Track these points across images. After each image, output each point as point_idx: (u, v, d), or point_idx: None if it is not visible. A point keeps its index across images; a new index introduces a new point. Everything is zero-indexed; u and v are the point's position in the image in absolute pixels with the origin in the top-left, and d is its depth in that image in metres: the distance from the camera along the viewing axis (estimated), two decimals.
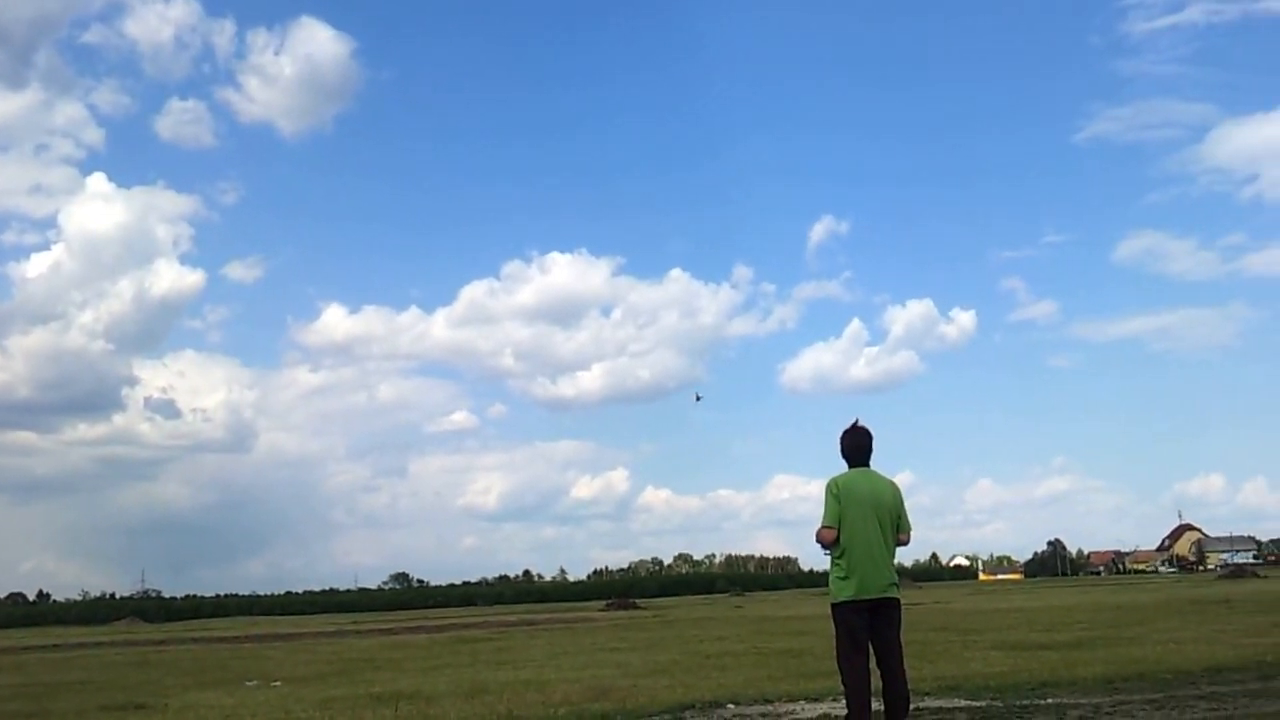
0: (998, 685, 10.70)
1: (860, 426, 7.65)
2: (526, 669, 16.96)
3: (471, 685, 14.00)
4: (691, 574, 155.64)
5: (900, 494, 7.65)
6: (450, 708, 11.07)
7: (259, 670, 20.66)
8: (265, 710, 12.23)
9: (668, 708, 9.98)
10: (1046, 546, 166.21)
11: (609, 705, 10.45)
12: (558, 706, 10.61)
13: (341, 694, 13.93)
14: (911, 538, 7.69)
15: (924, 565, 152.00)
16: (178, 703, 14.20)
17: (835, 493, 7.45)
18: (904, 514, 7.62)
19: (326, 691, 14.60)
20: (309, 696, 13.93)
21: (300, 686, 16.12)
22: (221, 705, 13.40)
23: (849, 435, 7.63)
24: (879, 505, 7.45)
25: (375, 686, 14.76)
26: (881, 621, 7.43)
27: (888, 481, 7.64)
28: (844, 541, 7.38)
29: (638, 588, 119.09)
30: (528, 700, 11.49)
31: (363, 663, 21.64)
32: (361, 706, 11.99)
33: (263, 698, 14.35)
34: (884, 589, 7.41)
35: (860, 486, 7.47)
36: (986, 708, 9.16)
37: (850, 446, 7.62)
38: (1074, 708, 9.03)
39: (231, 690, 16.10)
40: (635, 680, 13.65)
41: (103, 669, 24.14)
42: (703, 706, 10.01)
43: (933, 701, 9.57)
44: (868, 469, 7.61)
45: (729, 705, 10.02)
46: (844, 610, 7.40)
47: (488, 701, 11.62)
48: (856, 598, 7.35)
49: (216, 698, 14.71)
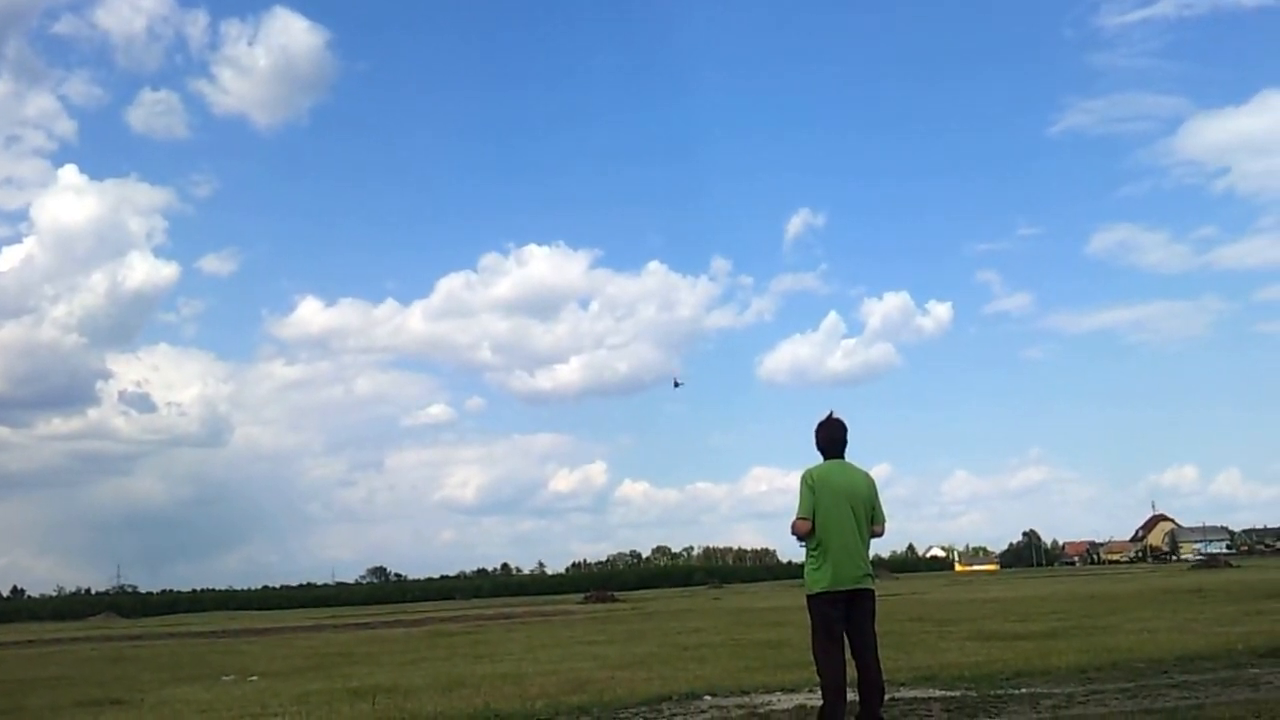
0: (973, 675, 10.76)
1: (835, 419, 7.68)
2: (504, 662, 16.96)
3: (449, 679, 13.99)
4: (670, 566, 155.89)
5: (875, 485, 7.69)
6: (427, 702, 11.05)
7: (235, 665, 20.58)
8: (241, 705, 12.19)
9: (645, 700, 10.00)
10: (1022, 537, 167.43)
11: (586, 698, 10.46)
12: (535, 700, 10.61)
13: (318, 689, 13.90)
14: (886, 529, 7.74)
15: (900, 556, 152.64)
16: (154, 698, 14.15)
17: (810, 484, 7.48)
18: (879, 505, 7.66)
19: (303, 686, 14.56)
20: (286, 691, 13.89)
21: (277, 681, 16.07)
22: (198, 700, 13.36)
23: (824, 428, 7.67)
24: (854, 497, 7.48)
25: (352, 681, 14.73)
26: (857, 612, 7.47)
27: (862, 473, 7.68)
28: (819, 533, 7.42)
29: (616, 580, 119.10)
30: (505, 694, 11.49)
31: (340, 657, 21.58)
32: (338, 701, 11.96)
33: (239, 693, 14.30)
34: (859, 580, 7.45)
35: (835, 478, 7.50)
36: (961, 697, 9.22)
37: (825, 439, 7.65)
38: (1047, 697, 9.10)
39: (208, 685, 16.04)
40: (613, 672, 13.67)
41: (78, 664, 24.01)
42: (680, 698, 10.03)
43: (908, 692, 9.63)
44: (843, 461, 7.64)
45: (706, 697, 10.05)
46: (819, 601, 7.44)
47: (465, 695, 11.62)
48: (831, 589, 7.39)
49: (193, 693, 14.66)
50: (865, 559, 7.55)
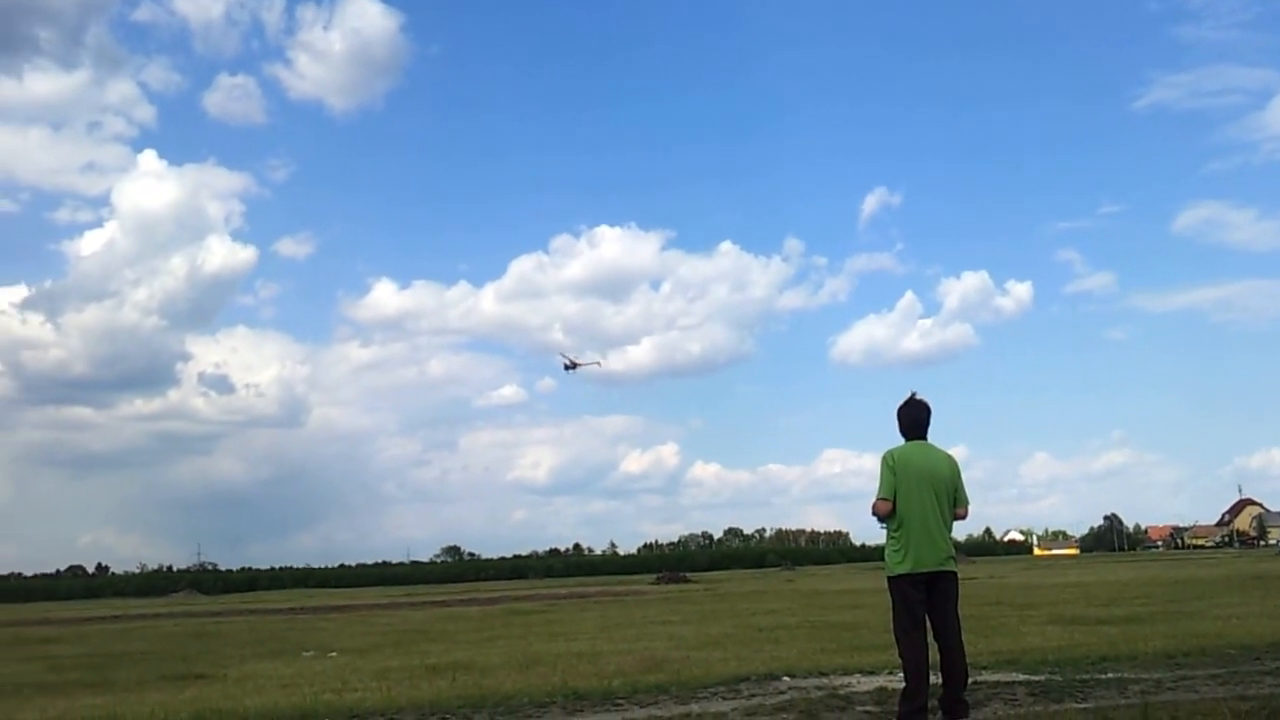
0: (1056, 659, 10.56)
1: (918, 399, 7.55)
2: (579, 641, 17.04)
3: (525, 657, 14.08)
4: (742, 548, 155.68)
5: (958, 467, 7.54)
6: (505, 679, 11.11)
7: (315, 641, 20.94)
8: (323, 680, 12.35)
9: (722, 680, 9.94)
10: (1103, 521, 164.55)
11: (663, 677, 10.43)
12: (611, 678, 10.61)
13: (397, 665, 14.06)
14: (969, 511, 7.60)
15: (978, 540, 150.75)
16: (236, 673, 14.42)
17: (891, 465, 7.36)
18: (961, 487, 7.52)
19: (382, 662, 14.75)
20: (365, 667, 14.07)
21: (356, 657, 16.31)
22: (280, 675, 13.58)
23: (906, 408, 7.53)
24: (935, 478, 7.35)
25: (430, 658, 14.88)
26: (939, 595, 7.35)
27: (945, 455, 7.53)
28: (900, 514, 7.30)
29: (688, 561, 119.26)
30: (581, 672, 11.51)
31: (417, 634, 21.86)
32: (418, 677, 12.08)
33: (320, 668, 14.52)
34: (941, 562, 7.33)
35: (916, 459, 7.37)
36: (1046, 681, 9.04)
37: (907, 420, 7.52)
38: (1135, 682, 8.89)
39: (289, 661, 16.33)
40: (689, 652, 13.66)
41: (162, 640, 24.61)
42: (758, 679, 9.96)
43: (990, 675, 9.47)
44: (925, 442, 7.50)
45: (784, 678, 9.97)
46: (900, 584, 7.33)
47: (542, 673, 11.66)
48: (913, 571, 7.27)
49: (275, 668, 14.91)
50: (947, 541, 7.41)
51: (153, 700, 10.84)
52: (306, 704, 9.56)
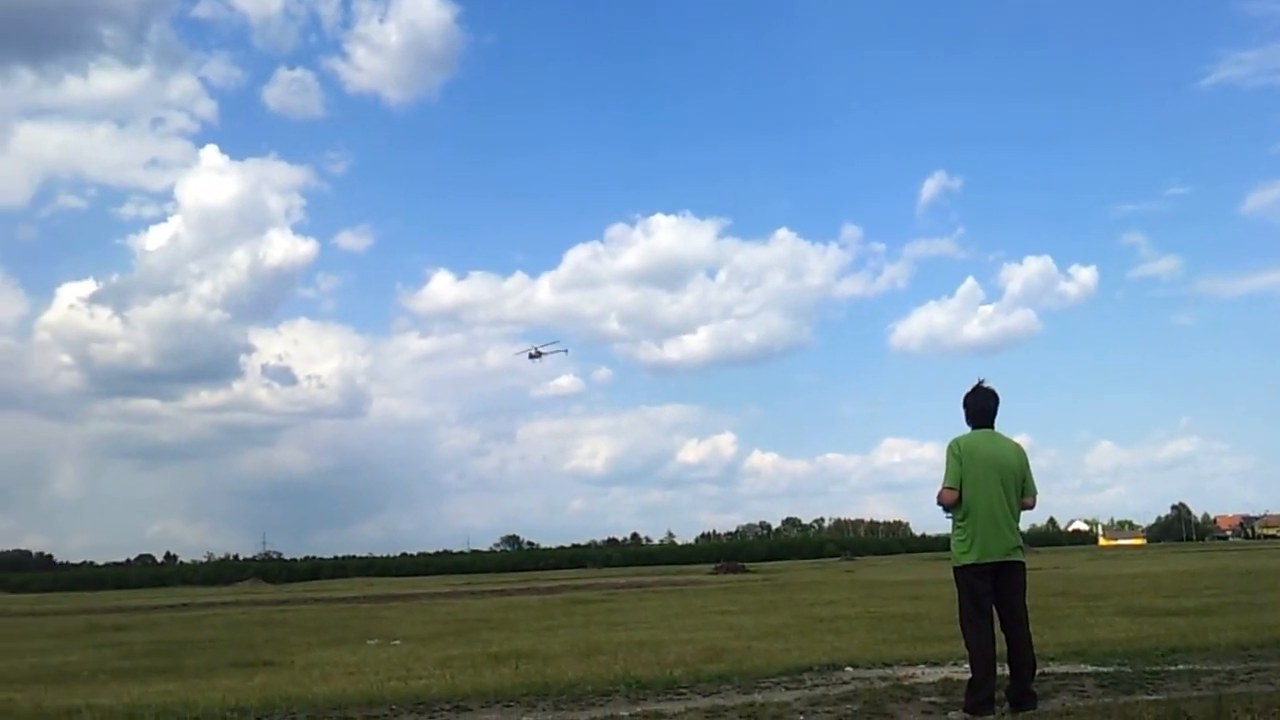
0: (1125, 651, 10.40)
1: (986, 387, 7.45)
2: (639, 630, 17.08)
3: (586, 646, 14.14)
4: (800, 538, 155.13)
5: (1025, 456, 7.44)
6: (567, 667, 11.16)
7: (379, 629, 21.20)
8: (387, 668, 12.50)
9: (785, 670, 9.91)
10: (1170, 510, 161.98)
11: (725, 667, 10.42)
12: (673, 667, 10.62)
13: (459, 653, 14.19)
14: (1038, 501, 7.50)
15: (1042, 530, 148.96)
16: (303, 660, 14.63)
17: (957, 453, 7.28)
18: (1029, 476, 7.41)
19: (445, 651, 14.89)
20: (428, 655, 14.22)
21: (419, 645, 16.48)
22: (345, 663, 13.75)
23: (973, 396, 7.44)
24: (1003, 467, 7.26)
25: (492, 646, 15.00)
26: (1005, 585, 7.26)
27: (1012, 443, 7.43)
28: (965, 504, 7.22)
29: (746, 551, 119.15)
30: (643, 661, 11.54)
31: (478, 623, 22.04)
32: (481, 665, 12.18)
33: (384, 656, 14.69)
34: (1008, 552, 7.23)
35: (983, 448, 7.28)
36: (1115, 673, 8.90)
37: (975, 408, 7.42)
38: (1208, 674, 8.72)
39: (354, 648, 16.54)
40: (749, 642, 13.64)
41: (230, 627, 25.03)
42: (821, 669, 9.91)
43: (1058, 667, 9.34)
44: (992, 430, 7.41)
45: (847, 668, 9.91)
46: (967, 574, 7.25)
47: (603, 662, 11.71)
48: (979, 561, 7.18)
49: (340, 655, 15.11)
50: (1015, 531, 7.31)
51: (223, 687, 11.02)
52: (373, 691, 9.67)
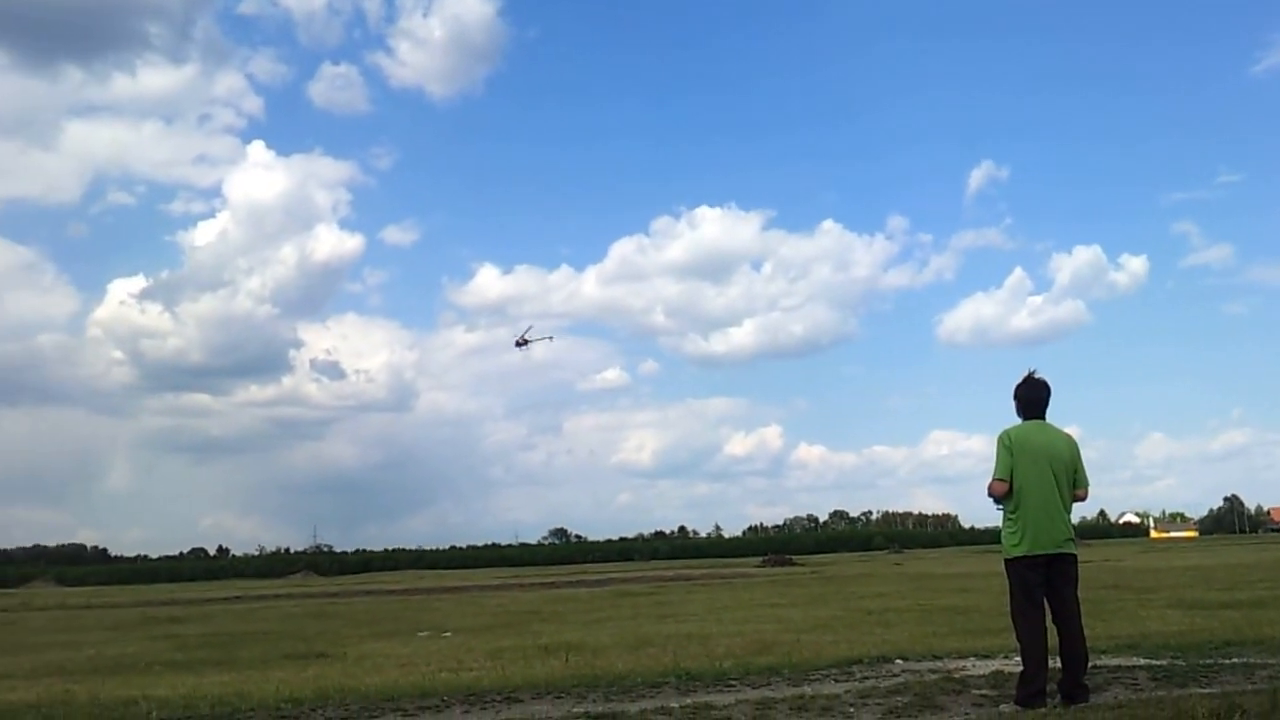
0: (1178, 644, 10.30)
1: (1037, 378, 7.42)
2: (688, 623, 17.13)
3: (635, 638, 14.21)
4: (848, 531, 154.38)
5: (1077, 447, 7.41)
6: (617, 659, 11.23)
7: (430, 621, 21.40)
8: (439, 659, 12.63)
9: (834, 662, 9.90)
10: (1223, 502, 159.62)
11: (774, 659, 10.43)
12: (722, 659, 10.65)
13: (510, 645, 14.31)
14: (1089, 493, 7.46)
15: (1092, 522, 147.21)
16: (355, 652, 14.81)
17: (1007, 445, 7.25)
18: (1081, 468, 7.38)
19: (495, 642, 15.02)
20: (479, 647, 14.35)
21: (470, 637, 16.64)
22: (397, 654, 13.91)
23: (1024, 386, 7.41)
24: (1054, 458, 7.23)
25: (542, 638, 15.11)
26: (1058, 578, 7.23)
27: (1064, 435, 7.40)
28: (1016, 495, 7.20)
29: (793, 544, 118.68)
30: (692, 653, 11.57)
31: (528, 615, 22.19)
32: (531, 657, 12.28)
33: (435, 647, 14.85)
34: (1060, 544, 7.21)
35: (1034, 439, 7.25)
36: (1168, 666, 8.82)
37: (1026, 398, 7.39)
38: (1262, 667, 8.62)
39: (405, 640, 16.73)
40: (798, 635, 13.64)
41: (283, 620, 25.37)
42: (870, 661, 9.90)
43: (1110, 660, 9.27)
44: (1043, 421, 7.38)
45: (897, 661, 9.90)
46: (1018, 566, 7.22)
47: (652, 654, 11.75)
48: (1030, 553, 7.16)
49: (392, 647, 15.28)
50: (1066, 523, 7.28)
51: (276, 678, 11.17)
52: (425, 683, 9.77)
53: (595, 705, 8.04)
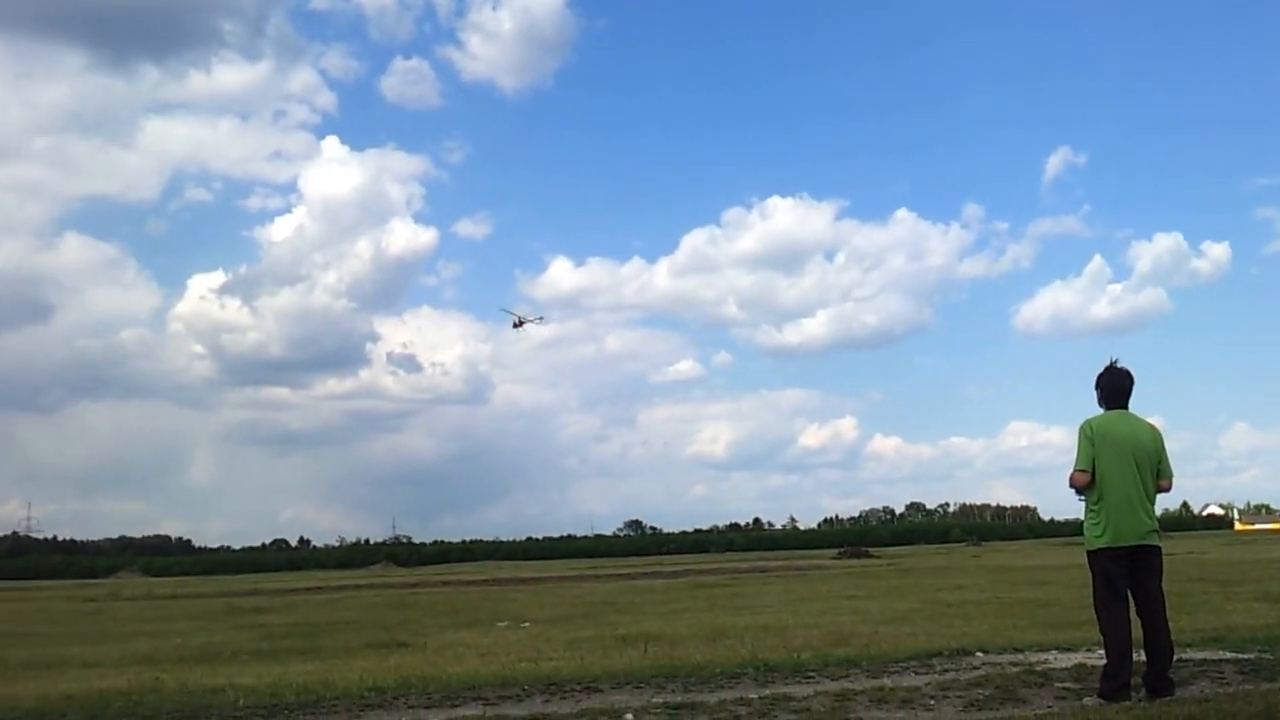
0: (1265, 637, 10.11)
1: (1120, 367, 7.35)
2: (764, 614, 17.13)
3: (712, 629, 14.26)
4: (925, 523, 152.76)
5: (1160, 437, 7.32)
6: (694, 650, 11.28)
7: (508, 612, 21.64)
8: (518, 649, 12.78)
9: (913, 655, 9.89)
10: None
11: (852, 651, 10.43)
12: (800, 651, 10.66)
13: (588, 635, 14.43)
14: (1173, 484, 7.36)
15: (1174, 515, 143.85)
16: (436, 641, 15.04)
17: (1089, 435, 7.20)
18: (1165, 458, 7.30)
19: (573, 633, 15.16)
20: (558, 637, 14.50)
21: (548, 628, 16.80)
22: (477, 644, 14.10)
23: (1107, 376, 7.34)
24: (1137, 449, 7.15)
25: (619, 629, 15.21)
26: (1141, 570, 7.16)
27: (1147, 425, 7.32)
28: (1098, 486, 7.14)
29: (869, 536, 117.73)
30: (769, 645, 11.59)
31: (605, 606, 22.33)
32: (609, 647, 12.38)
33: (514, 638, 15.03)
34: (1143, 536, 7.14)
35: (1117, 429, 7.18)
36: (1256, 660, 8.68)
37: (1108, 388, 7.33)
38: None
39: (484, 630, 16.94)
40: (876, 627, 13.60)
41: (364, 610, 25.80)
42: (950, 654, 9.87)
43: (1195, 653, 9.15)
44: (1126, 411, 7.30)
45: (977, 653, 9.85)
46: (1100, 558, 7.16)
47: (730, 645, 11.79)
48: (1113, 545, 7.10)
49: (472, 637, 15.50)
50: (1150, 514, 7.20)
51: (360, 667, 11.38)
52: (505, 672, 9.92)
53: (674, 695, 8.13)
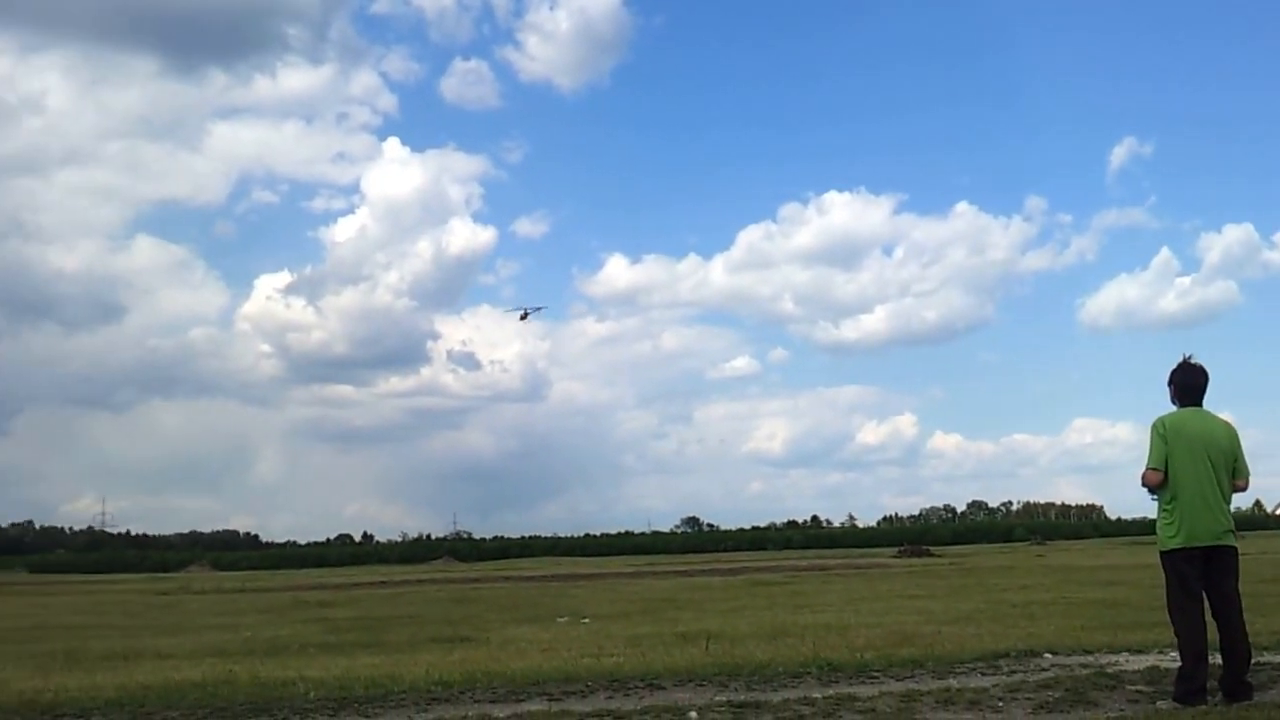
0: None
1: (1194, 363, 7.19)
2: (825, 613, 17.01)
3: (773, 627, 14.17)
4: (987, 521, 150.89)
5: (1236, 435, 7.16)
6: (755, 649, 11.21)
7: (568, 607, 21.70)
8: (580, 645, 12.79)
9: (979, 655, 9.75)
10: None
11: (916, 651, 10.30)
12: (862, 650, 10.55)
13: (648, 632, 14.41)
14: (1250, 483, 7.19)
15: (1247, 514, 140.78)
16: (498, 636, 15.11)
17: (1162, 433, 7.05)
18: (1241, 456, 7.14)
19: (634, 629, 15.15)
20: (618, 633, 14.50)
21: (608, 624, 16.82)
22: (539, 640, 14.14)
23: (1180, 372, 7.19)
24: (1212, 447, 6.99)
25: (679, 626, 15.18)
26: (1217, 571, 7.01)
27: (1222, 422, 7.15)
28: (1172, 485, 7.00)
29: (930, 535, 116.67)
30: (831, 644, 11.49)
31: (664, 603, 22.32)
32: (670, 644, 12.34)
33: (575, 633, 15.05)
34: (1218, 536, 6.98)
35: (1191, 427, 7.02)
36: None
37: (1182, 384, 7.17)
38: None
39: (545, 625, 17.00)
40: (939, 627, 13.43)
41: (427, 604, 26.02)
42: (1017, 655, 9.73)
43: (1273, 656, 8.93)
44: (1200, 409, 7.14)
45: (1046, 655, 9.69)
46: (1174, 558, 7.02)
47: (791, 644, 11.70)
48: (1187, 545, 6.96)
49: (533, 632, 15.55)
50: (1226, 514, 7.04)
51: (425, 661, 11.45)
52: (568, 668, 9.94)
53: (737, 694, 8.09)
